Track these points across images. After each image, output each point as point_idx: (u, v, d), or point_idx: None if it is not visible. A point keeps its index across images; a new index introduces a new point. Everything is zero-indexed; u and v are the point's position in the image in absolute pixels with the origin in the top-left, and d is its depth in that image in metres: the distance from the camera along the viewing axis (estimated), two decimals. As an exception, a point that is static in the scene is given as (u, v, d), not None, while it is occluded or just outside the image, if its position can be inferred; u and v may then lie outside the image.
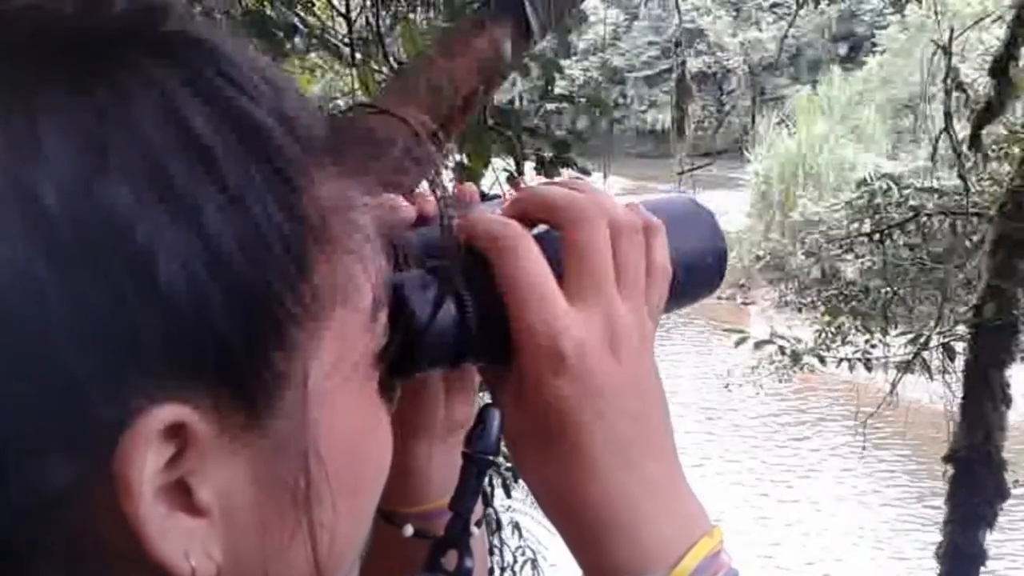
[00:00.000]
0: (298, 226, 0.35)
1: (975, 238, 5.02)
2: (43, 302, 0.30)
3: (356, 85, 2.57)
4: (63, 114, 0.31)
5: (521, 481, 0.53)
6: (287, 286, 0.35)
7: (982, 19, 6.59)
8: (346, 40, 2.57)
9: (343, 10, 2.59)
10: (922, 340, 4.82)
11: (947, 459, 4.17)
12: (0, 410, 0.30)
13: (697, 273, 0.56)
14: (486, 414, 0.49)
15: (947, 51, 5.03)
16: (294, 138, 0.36)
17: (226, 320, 0.33)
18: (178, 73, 0.34)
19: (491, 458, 0.49)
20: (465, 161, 2.27)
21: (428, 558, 0.52)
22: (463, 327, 0.47)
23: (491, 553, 3.07)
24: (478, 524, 0.55)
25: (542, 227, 0.50)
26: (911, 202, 5.42)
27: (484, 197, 0.55)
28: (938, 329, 4.89)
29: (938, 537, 4.31)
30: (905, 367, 4.97)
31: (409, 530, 0.56)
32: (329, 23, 2.78)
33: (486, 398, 0.53)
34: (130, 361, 0.32)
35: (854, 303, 5.64)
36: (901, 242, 5.52)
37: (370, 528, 0.45)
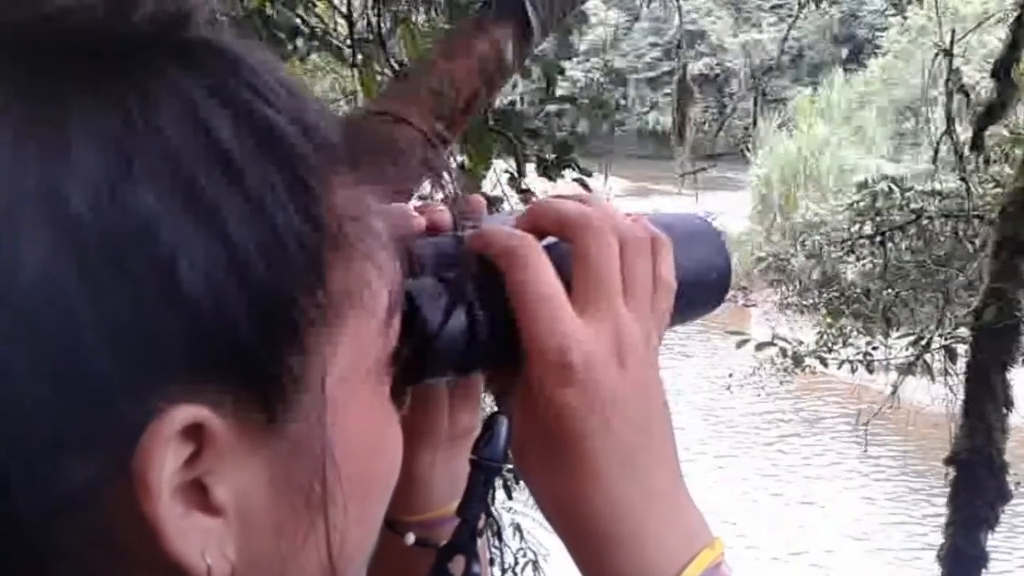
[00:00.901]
0: (316, 232, 0.36)
1: (977, 241, 5.02)
2: (67, 304, 0.31)
3: (357, 87, 2.57)
4: (91, 119, 0.32)
5: (522, 483, 0.53)
6: (305, 290, 0.35)
7: (983, 21, 6.59)
8: (347, 41, 2.57)
9: (344, 11, 2.59)
10: (923, 342, 4.82)
11: (948, 461, 4.16)
12: (24, 411, 0.31)
13: (701, 288, 0.57)
14: (494, 422, 0.49)
15: (949, 53, 5.03)
16: (313, 145, 0.36)
17: (245, 323, 0.33)
18: (202, 81, 0.34)
19: (498, 465, 0.49)
20: (466, 163, 2.27)
21: (435, 564, 0.52)
22: (473, 336, 0.48)
23: (491, 564, 3.07)
24: (480, 533, 0.55)
25: (551, 239, 0.50)
26: (912, 205, 5.43)
27: (489, 201, 0.55)
28: (939, 331, 4.89)
29: (935, 536, 4.31)
30: (907, 369, 4.97)
31: (411, 538, 0.56)
32: (330, 24, 2.78)
33: (490, 405, 0.53)
34: (151, 362, 0.32)
35: (856, 305, 5.65)
36: (903, 245, 5.52)
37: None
